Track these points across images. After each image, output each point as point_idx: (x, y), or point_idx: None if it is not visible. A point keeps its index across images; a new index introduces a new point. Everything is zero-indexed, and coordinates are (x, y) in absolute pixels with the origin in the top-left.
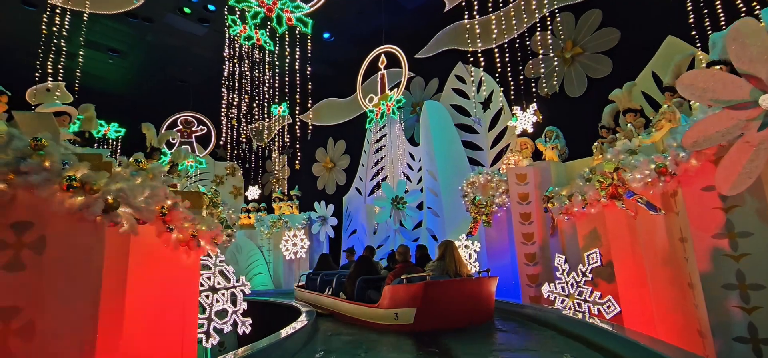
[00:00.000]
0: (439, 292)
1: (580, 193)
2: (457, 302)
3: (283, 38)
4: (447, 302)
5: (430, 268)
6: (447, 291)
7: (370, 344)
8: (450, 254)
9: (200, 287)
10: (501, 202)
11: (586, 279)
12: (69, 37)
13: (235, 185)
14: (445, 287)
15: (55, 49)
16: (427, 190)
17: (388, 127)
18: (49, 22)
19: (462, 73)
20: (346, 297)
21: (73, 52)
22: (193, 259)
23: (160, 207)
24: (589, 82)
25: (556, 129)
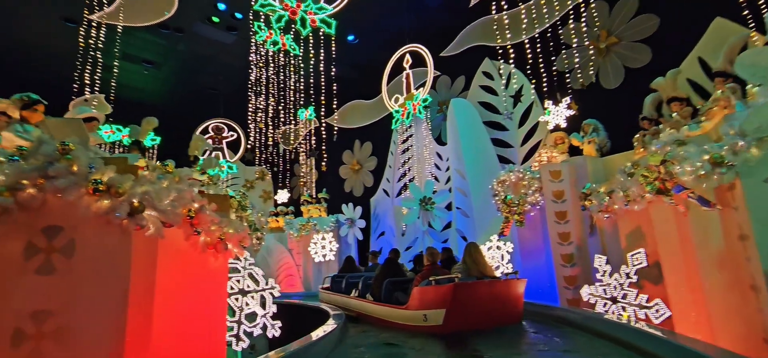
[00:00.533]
0: (468, 293)
1: (622, 189)
2: (486, 304)
3: (308, 42)
4: (476, 304)
5: (456, 270)
6: (476, 293)
7: (400, 345)
8: (474, 256)
9: (230, 290)
10: (534, 200)
11: (631, 281)
12: (106, 50)
13: (264, 189)
14: (474, 288)
15: (92, 61)
16: (455, 190)
17: (414, 128)
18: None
19: (489, 69)
20: (373, 299)
21: (110, 65)
22: (221, 262)
23: (186, 210)
24: (626, 72)
25: (595, 122)
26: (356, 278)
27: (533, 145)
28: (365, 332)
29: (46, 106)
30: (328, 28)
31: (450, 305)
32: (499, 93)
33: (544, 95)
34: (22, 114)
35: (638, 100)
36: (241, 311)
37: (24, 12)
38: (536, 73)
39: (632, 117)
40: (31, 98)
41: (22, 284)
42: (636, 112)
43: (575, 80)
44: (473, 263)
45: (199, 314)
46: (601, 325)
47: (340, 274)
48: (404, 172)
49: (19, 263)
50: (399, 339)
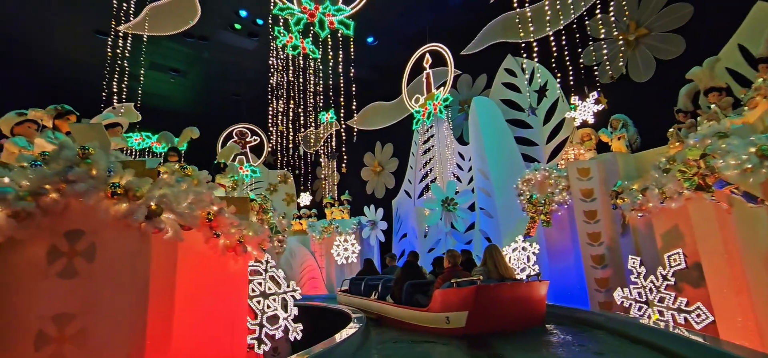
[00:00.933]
0: (490, 296)
1: (658, 186)
2: (508, 306)
3: (327, 44)
4: (498, 306)
5: (476, 273)
6: (498, 295)
7: (423, 347)
8: (495, 258)
9: (252, 293)
10: (561, 199)
11: (668, 283)
12: (134, 60)
13: (287, 192)
14: (496, 290)
15: (120, 71)
16: (478, 190)
17: (435, 128)
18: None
19: (512, 66)
20: (393, 301)
21: (138, 74)
22: (241, 264)
23: (205, 213)
24: (657, 64)
25: (624, 117)
26: (376, 281)
27: (559, 142)
28: (387, 334)
29: (78, 116)
30: (347, 29)
31: (472, 307)
32: (523, 90)
33: (571, 90)
34: (55, 123)
35: (670, 94)
36: (263, 314)
37: (58, 26)
38: (561, 68)
39: (664, 111)
40: (65, 108)
41: (45, 288)
42: (668, 105)
43: (603, 74)
44: (494, 265)
45: (220, 316)
46: (633, 329)
47: (359, 276)
48: (426, 173)
49: (42, 266)
50: (421, 341)
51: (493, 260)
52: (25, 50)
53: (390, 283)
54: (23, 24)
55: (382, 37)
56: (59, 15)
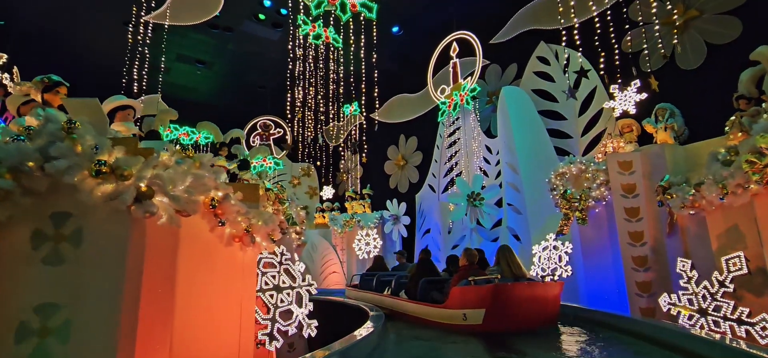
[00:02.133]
0: (507, 294)
1: (717, 179)
2: (524, 305)
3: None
4: (514, 305)
5: (491, 272)
6: (515, 294)
7: (442, 343)
8: (508, 258)
9: (265, 286)
10: (599, 195)
11: (726, 291)
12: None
13: (310, 185)
14: (513, 289)
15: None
16: (506, 185)
17: (461, 120)
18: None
19: (545, 53)
20: (408, 297)
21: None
22: (251, 256)
23: (209, 199)
24: (709, 49)
25: (671, 106)
26: (389, 277)
27: (596, 135)
28: (403, 330)
29: (69, 88)
30: (369, 12)
31: (490, 305)
32: (557, 78)
33: (615, 78)
34: (45, 97)
35: (723, 82)
36: (276, 309)
37: (86, 18)
38: (599, 56)
39: (715, 101)
40: (52, 80)
41: (29, 275)
42: (721, 94)
43: (646, 62)
44: (507, 264)
45: (226, 310)
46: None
47: (370, 272)
48: (451, 166)
49: (26, 252)
50: (439, 337)
51: (506, 260)
52: (52, 41)
53: (403, 279)
54: (51, 15)
55: (407, 26)
56: (87, 5)
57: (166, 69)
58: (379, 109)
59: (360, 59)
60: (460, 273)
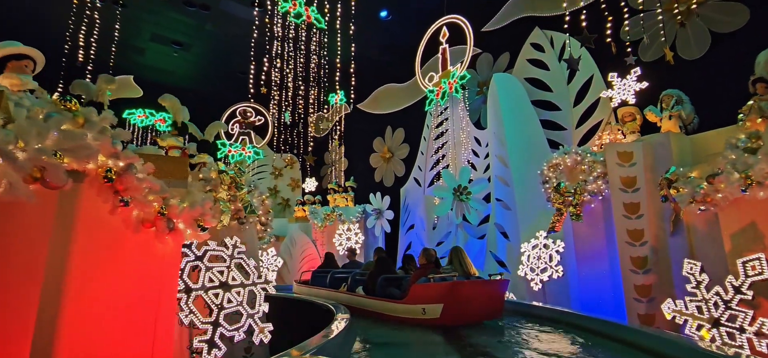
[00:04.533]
0: (463, 291)
1: (739, 170)
2: (477, 300)
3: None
4: (469, 300)
5: (444, 271)
6: (470, 290)
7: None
8: (460, 258)
9: (209, 284)
10: (596, 189)
11: (743, 298)
12: (135, 30)
13: (292, 176)
14: (468, 286)
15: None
16: (495, 179)
17: (450, 108)
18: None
19: (540, 40)
20: (365, 293)
21: (139, 46)
22: (173, 247)
23: (102, 169)
24: (713, 38)
25: (678, 92)
26: (344, 274)
27: (592, 126)
28: (366, 325)
29: None
30: None
31: (448, 300)
32: (552, 67)
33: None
34: None
35: (728, 72)
36: (221, 310)
37: None
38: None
39: (722, 91)
40: None
41: None
42: (727, 84)
43: (646, 51)
44: (459, 264)
45: (137, 311)
46: (580, 320)
47: (322, 269)
48: (437, 159)
49: None
50: (401, 330)
51: (458, 260)
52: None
53: (359, 276)
54: None
55: (396, 11)
56: None
57: (139, 49)
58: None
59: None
60: (419, 271)
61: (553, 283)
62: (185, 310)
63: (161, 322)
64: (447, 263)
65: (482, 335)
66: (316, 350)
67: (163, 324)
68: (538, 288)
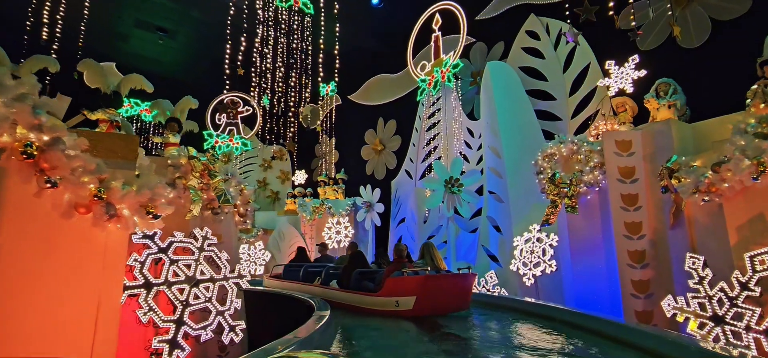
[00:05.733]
0: (434, 284)
1: (749, 156)
2: (447, 293)
3: None
4: (440, 293)
5: (416, 265)
6: (441, 283)
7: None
8: (430, 253)
9: (174, 279)
10: (592, 179)
11: (750, 295)
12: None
13: (282, 169)
14: (440, 280)
15: None
16: (488, 171)
17: (442, 99)
18: None
19: (535, 27)
20: (339, 287)
21: (123, 32)
22: (118, 236)
23: (20, 143)
24: (713, 26)
25: (673, 82)
26: (317, 268)
27: (587, 117)
28: (342, 316)
29: None
30: None
31: (420, 293)
32: (547, 55)
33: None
34: None
35: (729, 60)
36: (186, 307)
37: None
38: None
39: (723, 80)
40: None
41: None
42: (728, 73)
43: (644, 39)
44: (431, 259)
45: (72, 308)
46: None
47: (295, 263)
48: (429, 151)
49: None
50: (376, 321)
51: (430, 255)
52: None
53: (333, 270)
54: None
55: None
56: None
57: (123, 35)
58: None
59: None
60: (392, 266)
61: (546, 278)
62: (144, 307)
63: (103, 320)
64: (419, 258)
65: (453, 325)
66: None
67: (105, 323)
68: (531, 283)
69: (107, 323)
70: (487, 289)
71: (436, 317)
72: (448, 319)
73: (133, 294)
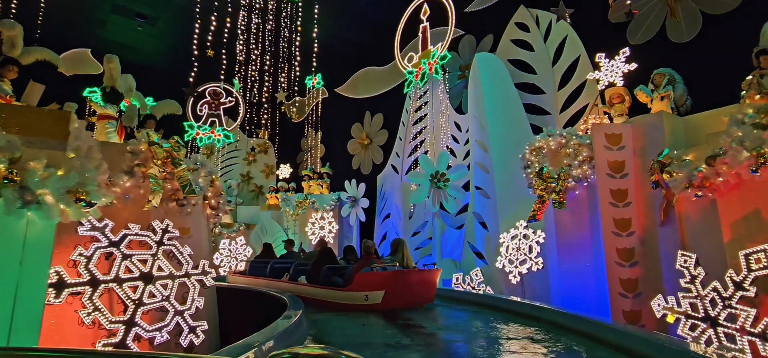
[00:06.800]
0: (402, 279)
1: (748, 148)
2: (414, 288)
3: None
4: (407, 287)
5: (385, 261)
6: (408, 279)
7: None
8: (401, 250)
9: (126, 275)
10: (581, 174)
11: (745, 295)
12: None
13: (266, 162)
14: (407, 275)
15: None
16: (475, 165)
17: (430, 92)
18: None
19: (525, 19)
20: (308, 282)
21: (99, 18)
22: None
23: None
24: (705, 20)
25: (671, 71)
26: (285, 264)
27: (576, 111)
28: (315, 312)
29: None
30: None
31: (389, 287)
32: (537, 48)
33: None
34: None
35: (720, 55)
36: (138, 307)
37: None
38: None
39: (711, 75)
40: None
41: None
42: (719, 68)
43: (635, 33)
44: (402, 256)
45: None
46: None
47: (261, 259)
48: (416, 145)
49: None
50: (347, 314)
51: (401, 252)
52: None
53: (301, 266)
54: None
55: None
56: None
57: (99, 22)
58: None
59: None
60: (362, 262)
61: (533, 276)
62: (88, 307)
63: (23, 324)
64: (390, 253)
65: (418, 318)
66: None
67: (24, 327)
68: (517, 281)
69: (27, 327)
70: (472, 287)
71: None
72: (413, 311)
73: (77, 292)
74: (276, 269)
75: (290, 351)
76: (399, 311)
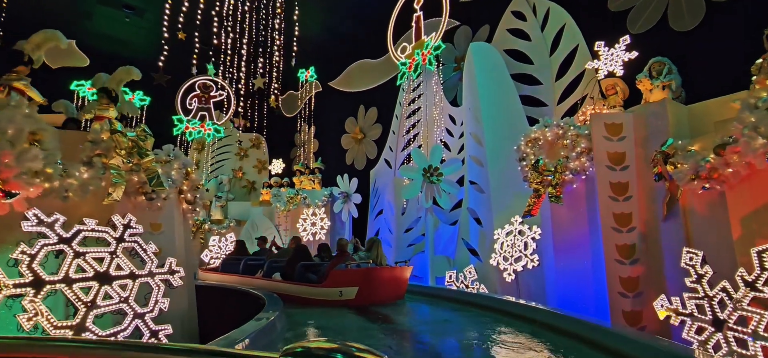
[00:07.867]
0: (375, 276)
1: (764, 134)
2: (386, 284)
3: None
4: (380, 284)
5: (359, 258)
6: (381, 275)
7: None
8: (376, 249)
9: (78, 275)
10: (578, 166)
11: (757, 295)
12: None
13: (258, 158)
14: (380, 272)
15: None
16: (469, 159)
17: (423, 83)
18: None
19: (521, 7)
20: (283, 279)
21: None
22: None
23: None
24: (708, 7)
25: (667, 61)
26: (258, 261)
27: (574, 102)
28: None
29: None
30: None
31: (363, 283)
32: (534, 37)
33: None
34: None
35: (723, 44)
36: (90, 309)
37: None
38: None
39: (714, 63)
40: None
41: None
42: (722, 56)
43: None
44: (376, 254)
45: None
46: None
47: (234, 257)
48: (409, 139)
49: None
50: (321, 310)
51: (376, 250)
52: None
53: (276, 263)
54: None
55: None
56: None
57: (85, 13)
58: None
59: None
60: (336, 259)
61: (528, 273)
62: (29, 311)
63: None
64: (366, 250)
65: (391, 313)
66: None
67: None
68: (511, 279)
69: None
70: (465, 285)
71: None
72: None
73: (15, 295)
74: (249, 266)
75: (302, 345)
76: (372, 307)
